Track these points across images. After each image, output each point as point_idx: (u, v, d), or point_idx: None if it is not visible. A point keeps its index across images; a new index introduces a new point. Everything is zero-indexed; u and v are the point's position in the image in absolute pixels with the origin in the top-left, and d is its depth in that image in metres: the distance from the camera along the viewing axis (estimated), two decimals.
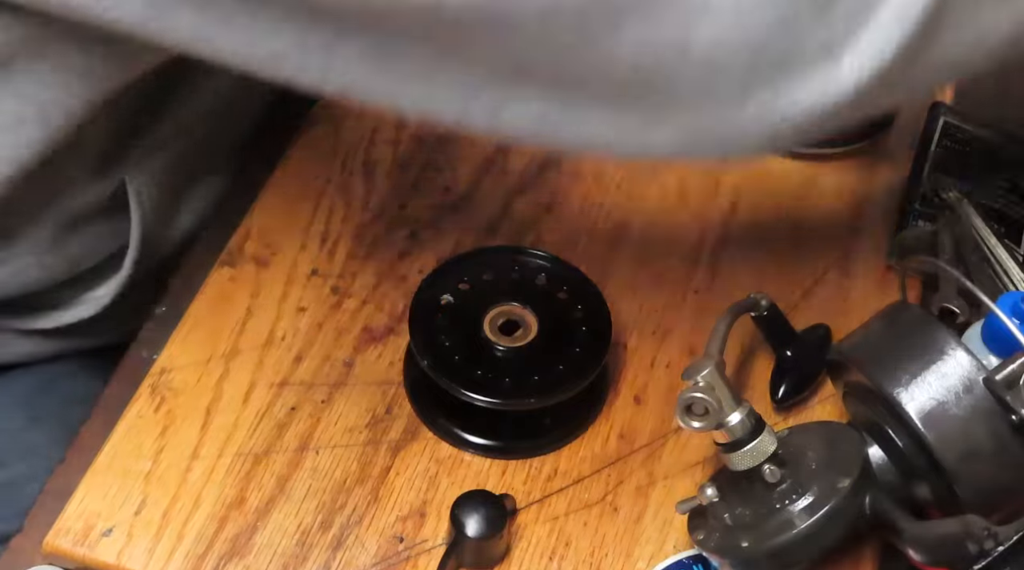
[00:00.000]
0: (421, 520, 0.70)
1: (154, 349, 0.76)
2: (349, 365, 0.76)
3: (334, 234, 0.82)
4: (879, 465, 0.67)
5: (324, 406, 0.74)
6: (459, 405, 0.71)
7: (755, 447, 0.64)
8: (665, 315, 0.81)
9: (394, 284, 0.81)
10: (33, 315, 0.82)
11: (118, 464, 0.71)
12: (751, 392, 0.77)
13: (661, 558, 0.70)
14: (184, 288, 0.80)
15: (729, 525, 0.66)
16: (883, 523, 0.64)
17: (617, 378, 0.77)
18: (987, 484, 0.64)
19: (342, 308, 0.79)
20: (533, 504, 0.71)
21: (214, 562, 0.68)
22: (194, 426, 0.73)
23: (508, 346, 0.73)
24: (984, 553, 0.59)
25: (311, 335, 0.78)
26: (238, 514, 0.70)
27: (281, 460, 0.72)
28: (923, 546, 0.62)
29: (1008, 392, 0.63)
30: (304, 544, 0.69)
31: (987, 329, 0.70)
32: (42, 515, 0.71)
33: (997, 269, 0.83)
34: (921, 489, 0.67)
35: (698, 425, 0.63)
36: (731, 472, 0.66)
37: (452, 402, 0.72)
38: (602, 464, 0.73)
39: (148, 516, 0.69)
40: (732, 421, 0.64)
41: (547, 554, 0.70)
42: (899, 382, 0.65)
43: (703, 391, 0.63)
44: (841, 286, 0.83)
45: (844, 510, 0.63)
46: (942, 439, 0.64)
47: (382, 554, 0.69)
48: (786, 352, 0.76)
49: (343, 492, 0.71)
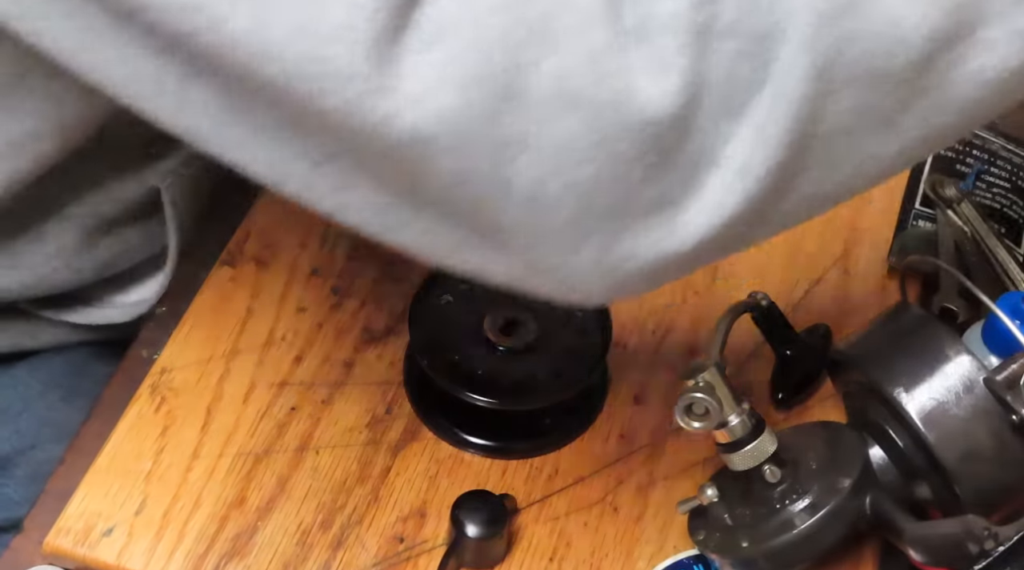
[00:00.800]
0: (421, 520, 0.70)
1: (154, 349, 0.76)
2: (349, 365, 0.76)
3: (334, 234, 0.82)
4: (879, 465, 0.67)
5: (324, 406, 0.74)
6: (459, 405, 0.71)
7: (755, 447, 0.64)
8: (665, 315, 0.81)
9: (394, 284, 0.81)
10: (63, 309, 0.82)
11: (118, 464, 0.71)
12: (751, 392, 0.77)
13: (661, 558, 0.70)
14: (184, 288, 0.80)
15: (729, 525, 0.66)
16: (883, 523, 0.64)
17: (617, 378, 0.77)
18: (987, 484, 0.64)
19: (342, 308, 0.79)
20: (533, 504, 0.71)
21: (214, 562, 0.68)
22: (194, 426, 0.73)
23: (508, 346, 0.73)
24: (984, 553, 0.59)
25: (311, 335, 0.78)
26: (238, 514, 0.70)
27: (281, 460, 0.72)
28: (923, 546, 0.62)
29: (1008, 392, 0.63)
30: (304, 544, 0.69)
31: (987, 329, 0.70)
32: (42, 515, 0.71)
33: (997, 269, 0.83)
34: (921, 489, 0.67)
35: (698, 425, 0.63)
36: (731, 472, 0.66)
37: (452, 402, 0.72)
38: (602, 464, 0.73)
39: (148, 516, 0.69)
40: (732, 421, 0.64)
41: (547, 554, 0.70)
42: (899, 382, 0.65)
43: (703, 391, 0.63)
44: (841, 286, 0.83)
45: (844, 510, 0.64)
46: (942, 439, 0.64)
47: (382, 554, 0.69)
48: (786, 352, 0.76)
49: (343, 492, 0.71)
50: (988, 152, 0.91)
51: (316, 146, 0.49)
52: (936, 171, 0.89)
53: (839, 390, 0.73)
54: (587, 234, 0.48)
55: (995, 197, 0.88)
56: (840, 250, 0.85)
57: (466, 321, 0.74)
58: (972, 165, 0.90)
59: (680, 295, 0.82)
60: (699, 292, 0.82)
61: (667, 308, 0.81)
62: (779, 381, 0.76)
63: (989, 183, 0.89)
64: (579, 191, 0.47)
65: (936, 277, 0.81)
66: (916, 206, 0.87)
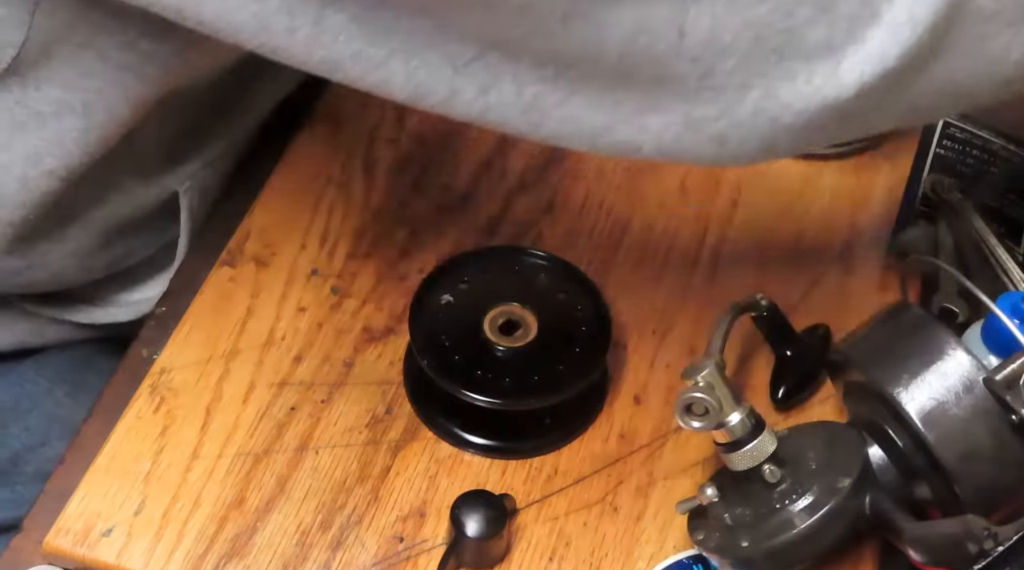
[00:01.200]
0: (421, 520, 0.70)
1: (154, 349, 0.76)
2: (349, 365, 0.76)
3: (334, 234, 0.82)
4: (879, 465, 0.67)
5: (324, 406, 0.74)
6: (459, 405, 0.71)
7: (755, 447, 0.64)
8: (665, 315, 0.81)
9: (394, 284, 0.81)
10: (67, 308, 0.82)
11: (118, 464, 0.71)
12: (751, 392, 0.77)
13: (661, 558, 0.70)
14: (184, 288, 0.80)
15: (729, 525, 0.66)
16: (883, 523, 0.64)
17: (617, 378, 0.77)
18: (987, 484, 0.64)
19: (342, 308, 0.79)
20: (533, 504, 0.71)
21: (214, 562, 0.68)
22: (194, 426, 0.73)
23: (508, 346, 0.73)
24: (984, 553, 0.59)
25: (311, 335, 0.78)
26: (238, 514, 0.70)
27: (281, 460, 0.72)
28: (923, 546, 0.62)
29: (1008, 392, 0.63)
30: (304, 544, 0.69)
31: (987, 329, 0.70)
32: (42, 515, 0.71)
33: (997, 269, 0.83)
34: (921, 489, 0.67)
35: (698, 425, 0.63)
36: (731, 472, 0.66)
37: (452, 402, 0.72)
38: (602, 464, 0.73)
39: (148, 516, 0.69)
40: (732, 421, 0.64)
41: (547, 554, 0.70)
42: (899, 382, 0.65)
43: (703, 391, 0.63)
44: (841, 286, 0.83)
45: (844, 510, 0.63)
46: (942, 439, 0.64)
47: (382, 554, 0.69)
48: (786, 352, 0.76)
49: (343, 492, 0.71)
50: (988, 152, 0.91)
51: (459, 49, 0.50)
52: (936, 171, 0.89)
53: (839, 390, 0.73)
54: (756, 76, 0.50)
55: (995, 197, 0.88)
56: (840, 250, 0.85)
57: (466, 321, 0.74)
58: (972, 165, 0.90)
59: (680, 295, 0.82)
60: (699, 292, 0.82)
61: (667, 308, 0.81)
62: (779, 381, 0.76)
63: (989, 183, 0.89)
64: (753, 30, 0.49)
65: (936, 277, 0.81)
66: (916, 206, 0.87)
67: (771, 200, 0.88)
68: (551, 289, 0.76)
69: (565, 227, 0.85)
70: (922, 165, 0.90)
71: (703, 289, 0.82)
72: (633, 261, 0.84)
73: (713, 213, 0.87)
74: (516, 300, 0.75)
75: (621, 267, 0.83)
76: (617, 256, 0.84)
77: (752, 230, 0.86)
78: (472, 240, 0.83)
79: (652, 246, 0.85)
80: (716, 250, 0.84)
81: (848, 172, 0.91)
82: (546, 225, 0.85)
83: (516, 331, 0.74)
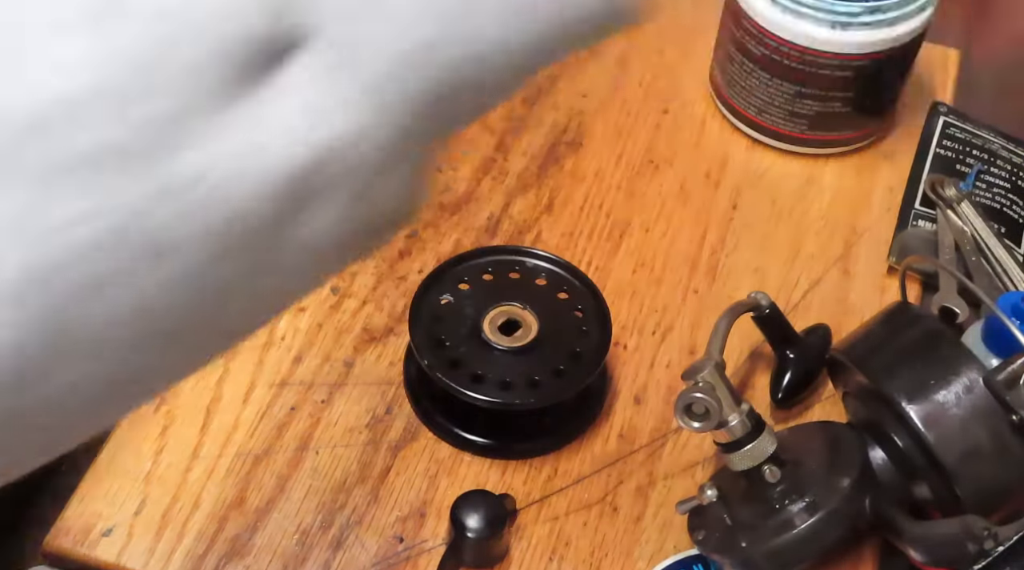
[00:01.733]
0: (421, 520, 0.70)
1: None
2: (349, 365, 0.76)
3: None
4: (879, 465, 0.67)
5: (324, 406, 0.74)
6: (459, 405, 0.71)
7: (755, 447, 0.64)
8: (665, 315, 0.81)
9: (394, 284, 0.81)
10: None
11: (118, 464, 0.71)
12: (751, 392, 0.77)
13: (661, 558, 0.70)
14: None
15: (729, 525, 0.66)
16: (883, 523, 0.64)
17: (617, 378, 0.77)
18: (987, 484, 0.64)
19: (342, 308, 0.79)
20: (533, 504, 0.71)
21: (214, 562, 0.68)
22: (194, 426, 0.73)
23: (508, 346, 0.73)
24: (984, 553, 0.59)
25: (311, 335, 0.78)
26: (238, 514, 0.70)
27: (281, 460, 0.72)
28: (923, 546, 0.62)
29: (1008, 392, 0.63)
30: (304, 544, 0.69)
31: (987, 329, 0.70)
32: (42, 515, 0.71)
33: (997, 269, 0.83)
34: (921, 489, 0.67)
35: (698, 425, 0.63)
36: (731, 472, 0.66)
37: (452, 402, 0.72)
38: (602, 464, 0.73)
39: (148, 516, 0.69)
40: (732, 421, 0.64)
41: (547, 554, 0.70)
42: (899, 382, 0.65)
43: (703, 391, 0.63)
44: (841, 286, 0.83)
45: (844, 510, 0.63)
46: (942, 439, 0.64)
47: (382, 554, 0.69)
48: (786, 352, 0.76)
49: (343, 492, 0.71)
50: (988, 152, 0.91)
51: None
52: (936, 171, 0.90)
53: (839, 390, 0.73)
54: None
55: (995, 197, 0.88)
56: (840, 250, 0.85)
57: (466, 321, 0.74)
58: (972, 165, 0.90)
59: (680, 295, 0.82)
60: (699, 292, 0.82)
61: (667, 308, 0.81)
62: (779, 381, 0.76)
63: (989, 183, 0.89)
64: None
65: (936, 277, 0.81)
66: (916, 206, 0.87)
67: (771, 200, 0.88)
68: (551, 289, 0.76)
69: (565, 227, 0.85)
70: (922, 165, 0.90)
71: (703, 289, 0.82)
72: (633, 261, 0.84)
73: (713, 213, 0.87)
74: (516, 300, 0.75)
75: (621, 267, 0.83)
76: (617, 256, 0.84)
77: (752, 230, 0.86)
78: (472, 240, 0.83)
79: (652, 246, 0.85)
80: (716, 250, 0.85)
81: (848, 172, 0.91)
82: (546, 225, 0.85)
83: (516, 331, 0.74)
